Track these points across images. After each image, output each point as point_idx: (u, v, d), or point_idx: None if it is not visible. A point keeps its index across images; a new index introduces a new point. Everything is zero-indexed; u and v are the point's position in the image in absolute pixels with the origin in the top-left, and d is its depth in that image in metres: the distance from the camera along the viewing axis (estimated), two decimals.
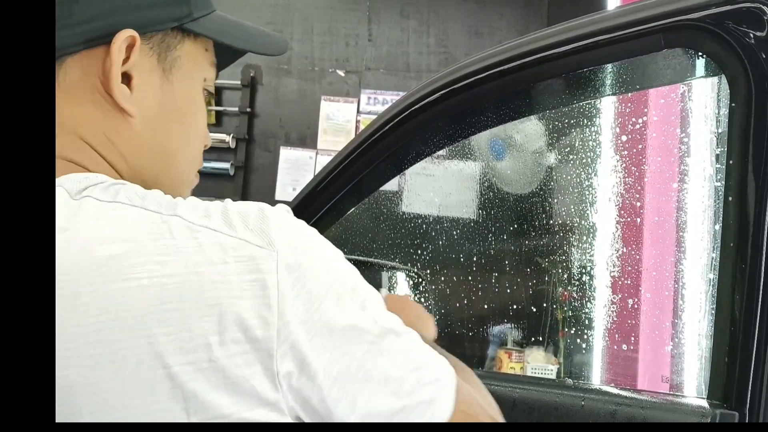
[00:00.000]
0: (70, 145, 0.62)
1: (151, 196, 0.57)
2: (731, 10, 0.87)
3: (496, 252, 2.70)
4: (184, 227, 0.54)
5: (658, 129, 2.26)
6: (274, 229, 0.56)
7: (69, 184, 0.58)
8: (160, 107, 0.65)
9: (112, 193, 0.57)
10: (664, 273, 2.33)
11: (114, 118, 0.63)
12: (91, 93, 0.62)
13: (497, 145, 2.53)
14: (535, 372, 2.81)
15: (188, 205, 0.57)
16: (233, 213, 0.56)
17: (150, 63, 0.64)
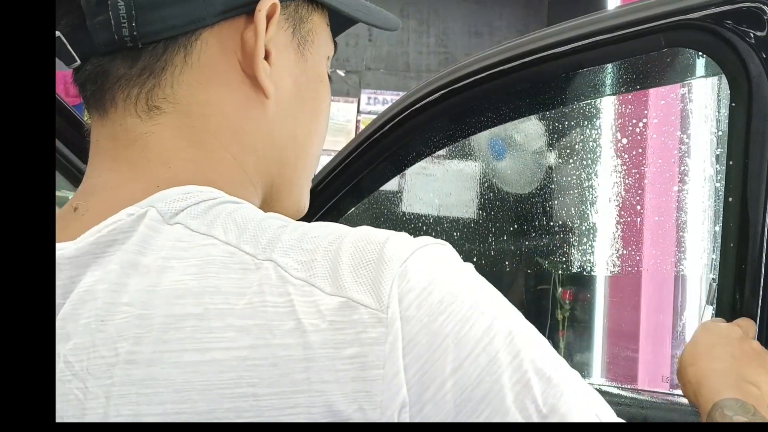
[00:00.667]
0: (191, 144, 0.52)
1: (253, 226, 0.46)
2: (731, 10, 0.87)
3: (496, 252, 2.70)
4: (277, 278, 0.43)
5: (658, 129, 2.26)
6: (393, 279, 0.43)
7: (163, 203, 0.48)
8: (294, 87, 0.57)
9: (208, 221, 0.47)
10: (665, 273, 2.33)
11: (250, 100, 0.54)
12: (227, 73, 0.53)
13: (497, 145, 2.53)
14: None
15: (291, 241, 0.45)
16: (346, 255, 0.44)
17: (285, 37, 0.56)
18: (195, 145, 0.52)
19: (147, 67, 0.51)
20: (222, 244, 0.45)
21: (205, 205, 0.48)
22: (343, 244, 0.45)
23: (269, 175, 0.57)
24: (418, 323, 0.41)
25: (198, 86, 0.52)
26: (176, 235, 0.46)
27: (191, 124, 0.52)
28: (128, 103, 0.52)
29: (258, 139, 0.55)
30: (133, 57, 0.51)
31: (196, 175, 0.51)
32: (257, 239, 0.45)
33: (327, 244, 0.45)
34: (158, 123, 0.52)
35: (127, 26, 0.49)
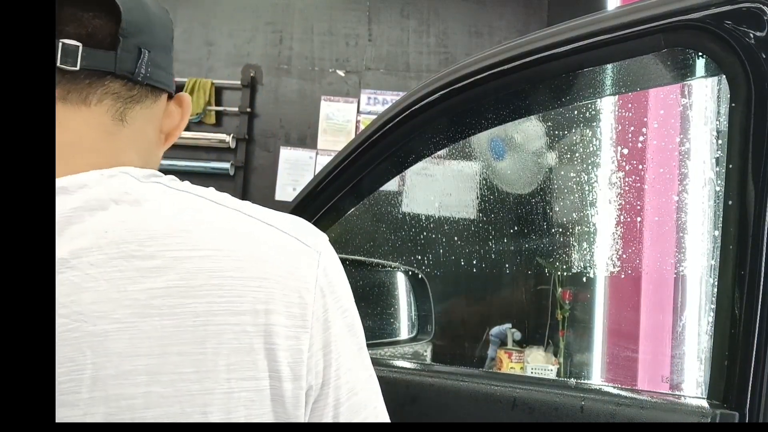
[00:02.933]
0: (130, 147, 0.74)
1: (211, 191, 0.70)
2: (731, 10, 0.87)
3: (497, 252, 2.70)
4: (247, 219, 0.67)
5: (658, 132, 2.26)
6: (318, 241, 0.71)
7: (134, 172, 0.68)
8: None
9: (178, 185, 0.69)
10: (665, 273, 2.33)
11: (161, 136, 0.80)
12: (158, 122, 0.79)
13: (497, 145, 2.53)
14: (535, 372, 2.81)
15: (248, 204, 0.70)
16: (291, 218, 0.71)
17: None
18: (138, 147, 0.75)
19: (135, 96, 0.74)
20: (197, 197, 0.68)
21: (169, 177, 0.70)
22: (285, 214, 0.72)
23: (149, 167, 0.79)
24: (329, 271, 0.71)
25: (147, 120, 0.76)
26: (158, 188, 0.67)
27: (134, 138, 0.74)
28: (110, 110, 0.71)
29: (157, 157, 0.80)
30: (131, 86, 0.73)
31: (141, 161, 0.74)
32: (222, 198, 0.70)
33: (274, 212, 0.71)
34: (119, 130, 0.72)
35: (144, 69, 0.73)
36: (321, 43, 4.31)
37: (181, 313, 0.59)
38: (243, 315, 0.61)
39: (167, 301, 0.59)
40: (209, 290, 0.61)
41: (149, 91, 0.75)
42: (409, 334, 1.82)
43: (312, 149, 4.22)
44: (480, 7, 4.21)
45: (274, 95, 4.31)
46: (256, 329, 0.62)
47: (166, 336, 0.58)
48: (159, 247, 0.61)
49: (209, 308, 0.60)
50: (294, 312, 0.64)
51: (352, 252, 2.20)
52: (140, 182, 0.67)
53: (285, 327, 0.63)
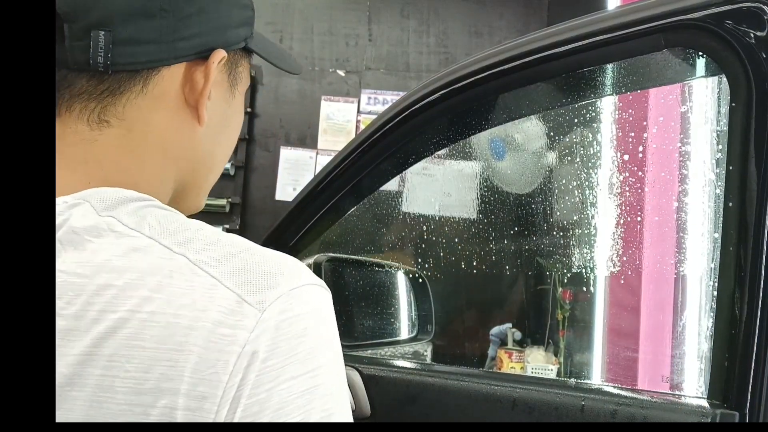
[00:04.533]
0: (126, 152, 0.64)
1: (174, 227, 0.58)
2: (731, 10, 0.87)
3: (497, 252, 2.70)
4: (187, 269, 0.55)
5: (659, 129, 2.26)
6: (281, 296, 0.55)
7: (96, 200, 0.59)
8: (221, 117, 0.71)
9: (137, 220, 0.58)
10: (665, 273, 2.33)
11: (184, 124, 0.67)
12: (173, 101, 0.66)
13: (497, 145, 2.53)
14: (535, 372, 2.81)
15: (206, 243, 0.58)
16: (251, 263, 0.57)
17: (222, 78, 0.70)
18: (128, 154, 0.64)
19: (108, 88, 0.62)
20: (146, 237, 0.57)
21: (134, 205, 0.59)
22: (250, 254, 0.57)
23: (182, 181, 0.69)
24: (281, 333, 0.54)
25: (146, 109, 0.64)
26: (109, 226, 0.57)
27: (131, 138, 0.64)
28: (83, 113, 0.62)
29: (182, 155, 0.68)
30: (99, 78, 0.62)
31: (124, 176, 0.63)
32: (175, 236, 0.57)
33: (236, 251, 0.57)
34: (103, 134, 0.63)
35: (102, 56, 0.60)
36: (321, 43, 4.31)
37: (87, 385, 0.52)
38: (145, 395, 0.51)
39: (78, 370, 0.52)
40: (117, 362, 0.52)
41: (131, 77, 0.62)
42: (410, 334, 1.82)
43: (312, 149, 4.22)
44: (480, 7, 4.21)
45: (274, 95, 4.31)
46: (158, 413, 0.51)
47: (74, 409, 0.52)
48: (81, 306, 0.53)
49: (112, 383, 0.52)
50: (200, 392, 0.52)
51: (352, 252, 2.20)
52: (98, 215, 0.58)
53: (186, 411, 0.51)
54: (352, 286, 1.71)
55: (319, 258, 1.57)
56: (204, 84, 0.66)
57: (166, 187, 0.68)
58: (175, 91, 0.65)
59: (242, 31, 0.71)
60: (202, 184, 0.73)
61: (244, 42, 0.71)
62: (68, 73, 0.62)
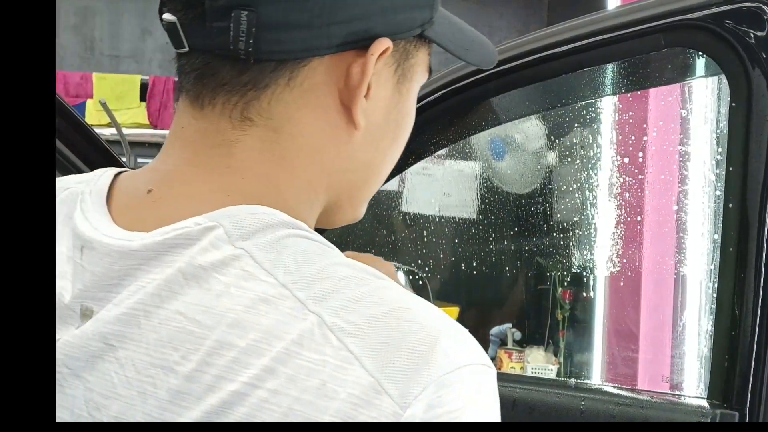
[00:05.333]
0: (272, 158, 0.54)
1: (314, 271, 0.48)
2: (731, 10, 0.87)
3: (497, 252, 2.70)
4: (319, 335, 0.45)
5: (659, 129, 2.26)
6: (428, 385, 0.44)
7: (231, 223, 0.49)
8: (383, 121, 0.59)
9: (273, 256, 0.48)
10: (665, 274, 2.33)
11: (338, 128, 0.56)
12: (325, 99, 0.55)
13: (497, 145, 2.53)
14: (535, 372, 2.81)
15: (347, 299, 0.47)
16: (395, 335, 0.45)
17: (387, 73, 0.57)
18: (275, 160, 0.54)
19: (252, 80, 0.53)
20: (279, 285, 0.47)
21: (273, 235, 0.49)
22: (398, 318, 0.46)
23: (336, 192, 0.59)
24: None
25: (294, 107, 0.54)
26: (240, 263, 0.48)
27: (277, 140, 0.54)
28: (225, 108, 0.53)
29: (335, 163, 0.57)
30: (241, 68, 0.52)
31: (268, 189, 0.54)
32: (313, 286, 0.47)
33: (381, 314, 0.46)
34: (247, 133, 0.53)
35: (244, 41, 0.51)
36: None
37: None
38: None
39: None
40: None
41: (276, 68, 0.52)
42: None
43: None
44: (480, 7, 4.21)
45: None
46: None
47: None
48: (197, 365, 0.46)
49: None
50: None
51: None
52: (231, 245, 0.48)
53: None
54: None
55: None
56: (360, 80, 0.54)
57: (318, 202, 0.58)
58: (327, 88, 0.54)
59: (418, 15, 0.57)
60: (358, 196, 0.62)
61: (420, 29, 0.57)
62: (212, 59, 0.53)
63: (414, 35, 0.58)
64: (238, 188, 0.53)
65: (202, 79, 0.53)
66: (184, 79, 0.54)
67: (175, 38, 0.52)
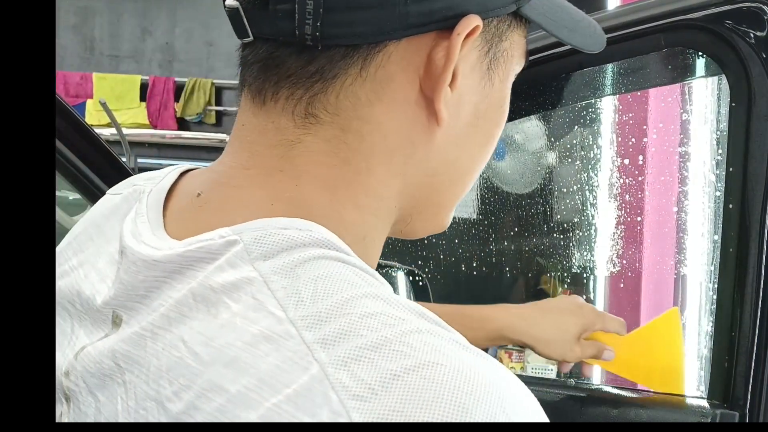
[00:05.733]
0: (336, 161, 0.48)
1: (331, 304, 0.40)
2: (731, 10, 0.87)
3: (497, 252, 2.70)
4: (320, 393, 0.36)
5: (659, 130, 2.26)
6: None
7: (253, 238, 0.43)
8: (471, 115, 0.51)
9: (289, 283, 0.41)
10: (665, 274, 2.33)
11: (417, 124, 0.48)
12: (402, 91, 0.47)
13: (497, 145, 2.53)
14: (535, 372, 2.81)
15: (365, 346, 0.38)
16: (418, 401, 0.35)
17: (476, 58, 0.49)
18: (338, 164, 0.47)
19: (319, 70, 0.46)
20: (287, 321, 0.39)
21: (298, 256, 0.42)
22: (421, 378, 0.36)
23: (414, 198, 0.52)
24: None
25: (366, 101, 0.47)
26: (252, 288, 0.41)
27: (344, 140, 0.47)
28: (289, 103, 0.47)
29: (411, 165, 0.49)
30: (308, 56, 0.46)
31: (322, 197, 0.47)
32: (325, 325, 0.39)
33: (403, 370, 0.36)
34: (309, 132, 0.47)
35: (311, 24, 0.44)
36: None
37: None
38: None
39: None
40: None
41: (347, 55, 0.46)
42: None
43: None
44: None
45: None
46: None
47: None
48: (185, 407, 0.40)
49: None
50: None
51: None
52: (249, 265, 0.42)
53: None
54: None
55: None
56: (444, 66, 0.46)
57: (388, 210, 0.51)
58: (406, 77, 0.47)
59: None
60: (441, 203, 0.54)
61: (515, 4, 0.49)
62: (276, 48, 0.47)
63: (508, 12, 0.50)
64: (286, 196, 0.47)
65: (265, 71, 0.47)
66: (247, 72, 0.49)
67: (238, 26, 0.47)
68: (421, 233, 0.55)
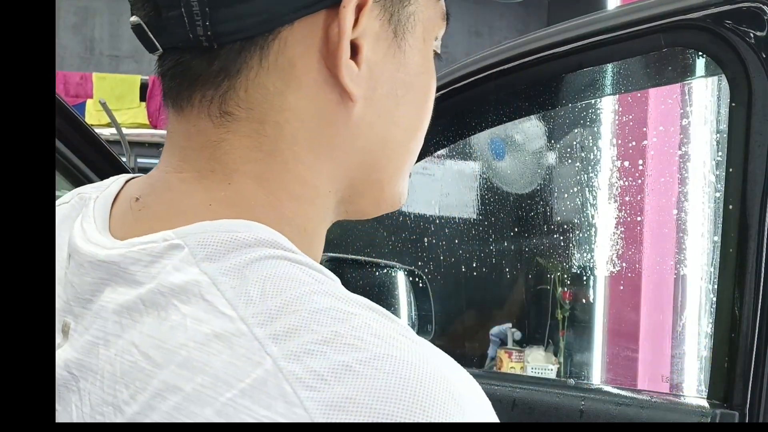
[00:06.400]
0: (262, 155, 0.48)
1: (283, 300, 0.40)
2: (731, 10, 0.87)
3: (498, 252, 2.70)
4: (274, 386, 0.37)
5: (659, 129, 2.26)
6: None
7: (197, 241, 0.43)
8: (388, 85, 0.50)
9: (238, 283, 0.41)
10: (665, 274, 2.33)
11: (332, 104, 0.48)
12: (308, 74, 0.47)
13: (497, 145, 2.53)
14: (535, 372, 2.82)
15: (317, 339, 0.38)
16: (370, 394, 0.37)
17: (379, 27, 0.48)
18: (263, 158, 0.48)
19: (223, 68, 0.47)
20: (238, 320, 0.40)
21: (245, 257, 0.42)
22: (375, 372, 0.37)
23: (349, 179, 0.52)
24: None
25: (274, 90, 0.47)
26: (202, 290, 0.42)
27: (264, 133, 0.47)
28: (203, 105, 0.48)
29: (338, 146, 0.49)
30: (208, 57, 0.46)
31: (257, 193, 0.48)
32: (276, 321, 0.39)
33: (356, 361, 0.38)
34: (230, 130, 0.48)
35: (201, 24, 0.45)
36: None
37: None
38: None
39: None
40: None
41: (244, 49, 0.46)
42: None
43: None
44: (480, 7, 4.21)
45: None
46: None
47: None
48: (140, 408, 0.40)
49: None
50: None
51: (352, 252, 2.20)
52: (196, 267, 0.42)
53: None
54: (352, 286, 1.70)
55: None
56: (339, 42, 0.46)
57: (327, 196, 0.51)
58: (309, 60, 0.47)
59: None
60: (382, 178, 0.53)
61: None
62: (182, 54, 0.47)
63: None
64: (223, 195, 0.47)
65: (177, 79, 0.48)
66: (164, 82, 0.50)
67: (145, 41, 0.48)
68: (373, 212, 0.55)
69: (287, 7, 0.45)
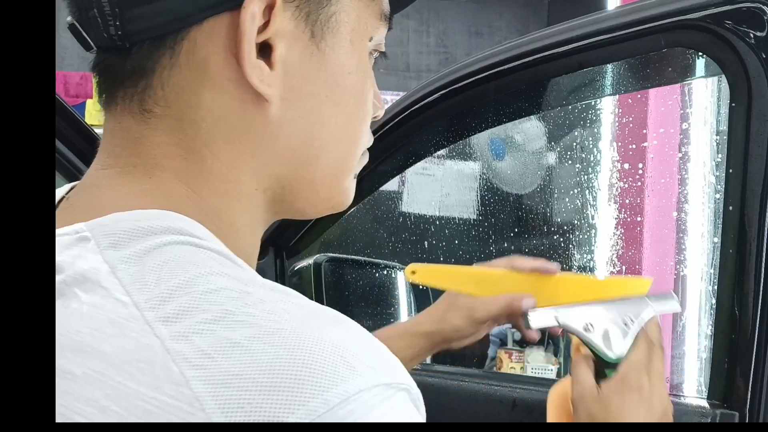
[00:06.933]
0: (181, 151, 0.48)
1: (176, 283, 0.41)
2: (731, 10, 0.87)
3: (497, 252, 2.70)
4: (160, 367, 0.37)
5: (659, 130, 2.26)
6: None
7: (102, 232, 0.44)
8: (308, 85, 0.49)
9: (135, 270, 0.42)
10: (665, 273, 2.33)
11: (247, 103, 0.48)
12: (221, 73, 0.47)
13: (497, 145, 2.53)
14: (535, 372, 2.81)
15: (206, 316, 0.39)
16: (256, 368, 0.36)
17: (294, 26, 0.48)
18: (186, 154, 0.48)
19: (138, 67, 0.47)
20: (131, 305, 0.40)
21: (147, 244, 0.43)
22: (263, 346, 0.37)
23: (277, 177, 0.51)
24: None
25: (189, 89, 0.47)
26: (101, 278, 0.42)
27: (182, 130, 0.48)
28: (125, 102, 0.48)
29: (259, 145, 0.49)
30: (124, 56, 0.47)
31: (178, 187, 0.48)
32: (168, 303, 0.40)
33: (245, 338, 0.37)
34: (150, 126, 0.48)
35: (113, 24, 0.45)
36: None
37: None
38: None
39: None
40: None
41: (155, 48, 0.46)
42: None
43: None
44: (480, 7, 4.21)
45: None
46: None
47: None
48: None
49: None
50: None
51: (352, 252, 2.20)
52: (100, 256, 0.43)
53: None
54: (352, 286, 1.71)
55: (319, 258, 1.57)
56: (240, 43, 0.45)
57: (255, 194, 0.51)
58: (221, 58, 0.47)
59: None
60: (314, 178, 0.52)
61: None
62: (103, 53, 0.48)
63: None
64: (143, 188, 0.48)
65: (101, 76, 0.49)
66: (94, 80, 0.50)
67: (80, 40, 0.48)
68: (312, 212, 0.54)
69: (193, 8, 0.45)
